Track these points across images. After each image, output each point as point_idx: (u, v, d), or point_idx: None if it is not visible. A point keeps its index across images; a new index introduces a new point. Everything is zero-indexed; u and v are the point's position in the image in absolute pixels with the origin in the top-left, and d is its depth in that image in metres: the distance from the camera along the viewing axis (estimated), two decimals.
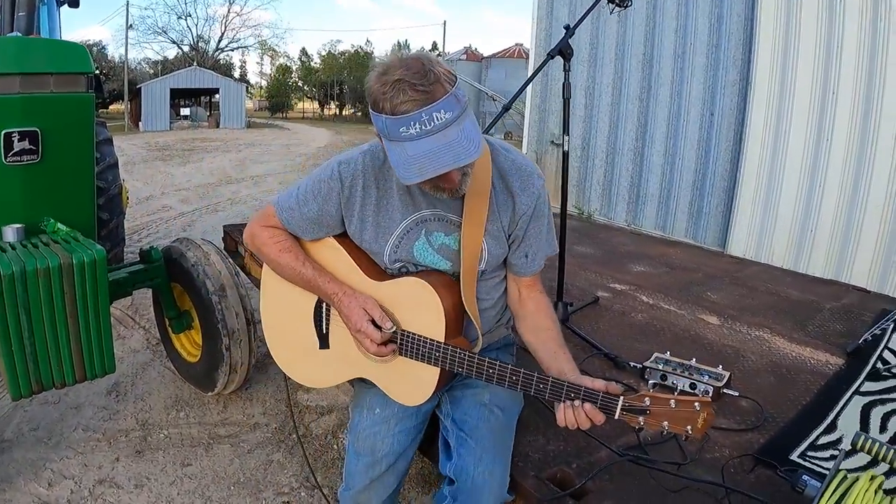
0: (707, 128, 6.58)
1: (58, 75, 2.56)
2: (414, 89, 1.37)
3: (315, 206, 1.75)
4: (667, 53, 6.89)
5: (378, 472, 1.77)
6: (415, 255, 1.74)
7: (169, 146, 21.09)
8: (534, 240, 1.77)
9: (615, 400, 1.44)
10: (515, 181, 1.72)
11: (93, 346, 2.48)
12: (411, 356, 1.68)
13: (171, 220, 8.71)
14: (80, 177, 2.81)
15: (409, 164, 1.41)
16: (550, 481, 1.72)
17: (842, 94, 5.26)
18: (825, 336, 2.96)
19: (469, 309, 1.71)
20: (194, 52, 47.77)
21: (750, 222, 6.04)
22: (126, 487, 2.76)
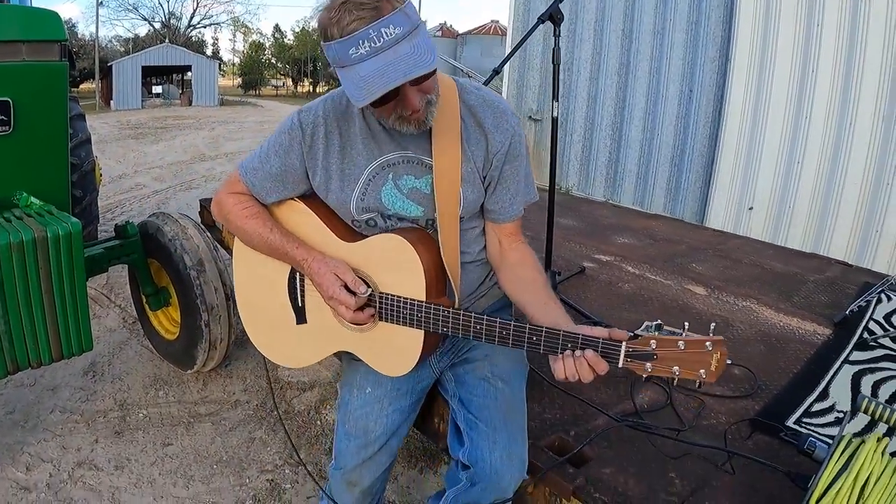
0: (686, 104, 6.57)
1: (30, 43, 2.45)
2: (360, 8, 1.29)
3: (277, 161, 1.66)
4: (646, 29, 6.85)
5: (371, 453, 1.71)
6: (383, 202, 1.62)
7: (141, 124, 20.72)
8: (511, 182, 1.65)
9: (617, 346, 1.34)
10: (488, 118, 1.60)
11: (69, 323, 2.41)
12: (392, 320, 1.58)
13: (144, 198, 8.55)
14: (54, 149, 2.70)
15: (361, 84, 1.32)
16: (549, 449, 1.69)
17: (821, 71, 5.27)
18: (811, 307, 2.97)
19: (448, 260, 1.60)
20: (166, 29, 47.00)
21: (728, 197, 6.07)
22: (106, 469, 2.71)
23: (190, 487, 2.62)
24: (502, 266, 1.70)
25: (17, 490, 2.56)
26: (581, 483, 1.53)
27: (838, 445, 1.22)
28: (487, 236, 1.74)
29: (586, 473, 1.58)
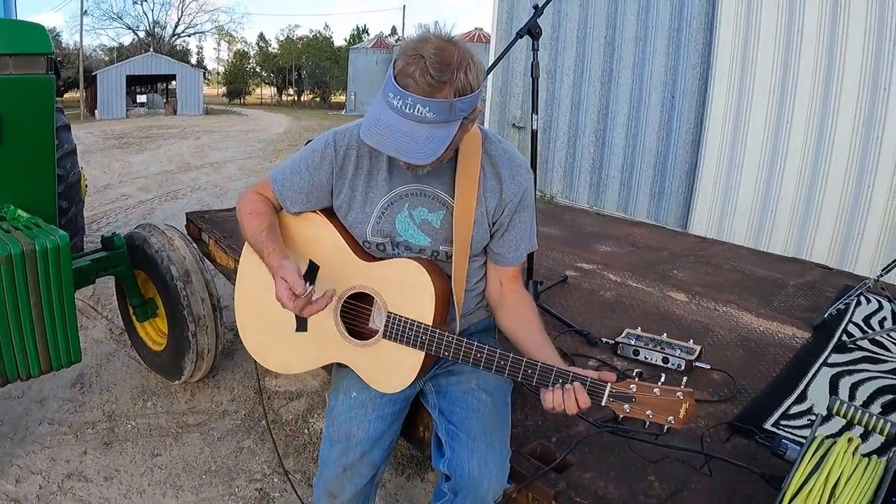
0: (668, 110, 6.67)
1: (17, 56, 2.47)
2: (423, 75, 1.39)
3: (307, 176, 1.76)
4: (628, 36, 6.95)
5: (351, 459, 1.72)
6: (396, 227, 1.73)
7: (126, 134, 20.64)
8: (517, 230, 1.77)
9: (603, 386, 1.45)
10: (505, 169, 1.72)
11: (58, 335, 2.42)
12: (397, 339, 1.65)
13: (130, 208, 8.53)
14: (41, 161, 2.72)
15: (373, 124, 1.44)
16: (531, 456, 1.72)
17: (802, 77, 5.36)
18: (790, 311, 3.01)
19: (457, 289, 1.71)
20: (150, 38, 46.79)
21: (711, 203, 6.15)
22: (96, 480, 2.72)
23: (179, 497, 2.63)
24: (501, 305, 1.81)
25: (8, 502, 2.56)
26: (562, 488, 1.57)
27: (810, 446, 1.26)
28: (489, 277, 1.85)
29: (567, 479, 1.61)
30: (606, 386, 1.45)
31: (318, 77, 51.70)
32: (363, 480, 1.74)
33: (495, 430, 1.66)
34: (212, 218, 4.24)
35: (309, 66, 52.53)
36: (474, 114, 1.53)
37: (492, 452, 1.60)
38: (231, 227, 3.87)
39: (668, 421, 1.40)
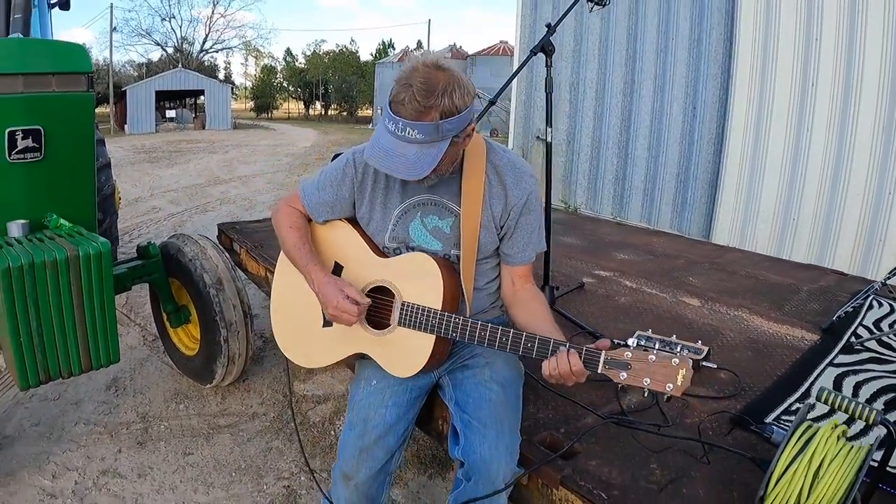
0: (690, 121, 6.70)
1: (59, 75, 2.62)
2: (411, 101, 1.58)
3: (331, 191, 1.97)
4: (649, 48, 7.01)
5: (367, 443, 1.83)
6: (410, 234, 1.91)
7: (155, 148, 21.03)
8: (524, 232, 1.92)
9: (598, 353, 1.54)
10: (509, 177, 1.89)
11: (98, 336, 2.55)
12: (410, 325, 1.81)
13: (161, 220, 8.75)
14: (82, 174, 2.87)
15: (374, 147, 1.67)
16: (541, 445, 1.82)
17: (821, 86, 5.39)
18: (802, 315, 3.06)
19: (466, 286, 1.85)
20: (179, 53, 47.56)
21: (733, 212, 6.18)
22: (129, 477, 2.84)
23: (210, 493, 2.74)
24: (514, 302, 1.96)
25: (44, 496, 2.69)
26: (568, 473, 1.67)
27: (795, 431, 1.34)
28: (502, 276, 2.01)
29: (573, 465, 1.71)
30: (601, 353, 1.54)
31: (344, 91, 52.18)
32: (377, 465, 1.84)
33: (505, 418, 1.77)
34: (243, 229, 4.40)
35: (335, 81, 53.04)
36: (465, 131, 1.69)
37: (501, 438, 1.71)
38: (262, 238, 4.01)
39: (667, 388, 1.45)
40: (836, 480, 1.23)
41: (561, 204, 8.01)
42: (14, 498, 2.66)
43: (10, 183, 2.59)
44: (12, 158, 2.54)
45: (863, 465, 1.25)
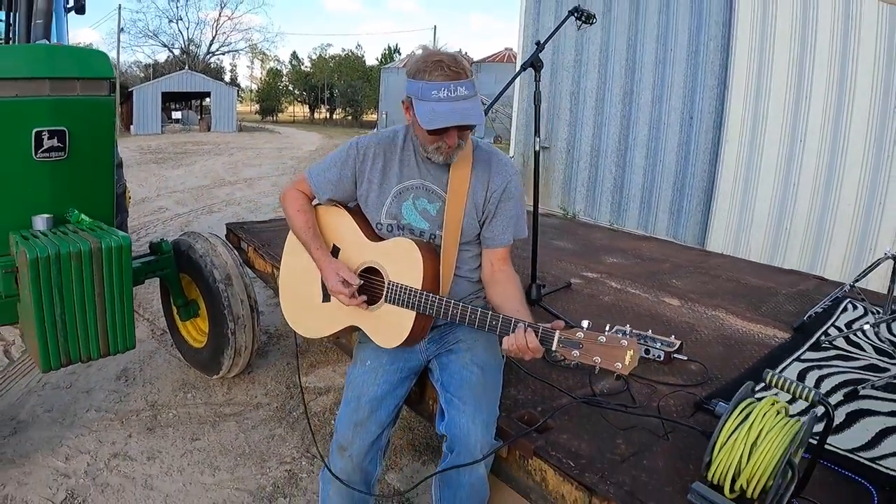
0: (687, 130, 6.85)
1: (83, 80, 2.80)
2: (448, 68, 1.87)
3: (336, 171, 2.22)
4: (648, 59, 7.16)
5: (361, 417, 2.02)
6: (402, 213, 2.16)
7: (161, 149, 21.24)
8: (503, 217, 2.15)
9: (552, 332, 1.71)
10: (493, 164, 2.14)
11: (116, 323, 2.72)
12: (394, 302, 2.05)
13: (168, 220, 8.92)
14: (102, 172, 3.05)
15: (435, 116, 1.89)
16: (519, 421, 2.00)
17: (815, 97, 5.54)
18: (776, 315, 3.21)
19: (444, 266, 2.08)
20: (185, 55, 47.79)
21: (728, 220, 6.32)
22: (139, 460, 2.99)
23: (216, 475, 2.90)
24: (491, 282, 2.17)
25: (58, 476, 2.85)
26: (541, 444, 1.85)
27: (738, 405, 1.49)
28: (483, 259, 2.22)
29: (547, 438, 1.90)
30: (556, 332, 1.72)
31: (350, 95, 52.31)
32: (370, 437, 2.02)
33: (483, 396, 1.98)
34: (250, 228, 4.60)
35: (341, 85, 53.17)
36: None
37: (479, 413, 1.92)
38: (268, 237, 4.18)
39: (616, 367, 1.60)
40: (772, 450, 1.38)
41: (560, 211, 8.15)
42: (29, 478, 2.81)
43: (36, 180, 2.77)
44: (38, 157, 2.71)
45: (797, 438, 1.40)
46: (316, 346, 4.33)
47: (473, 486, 1.87)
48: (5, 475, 2.81)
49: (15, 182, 2.73)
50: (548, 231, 5.38)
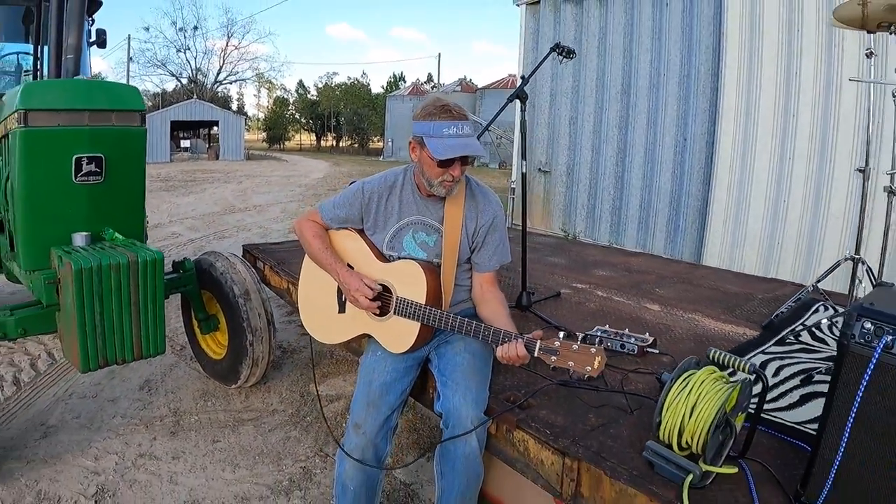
0: (681, 152, 7.10)
1: (118, 112, 3.12)
2: (454, 112, 2.31)
3: (344, 211, 2.59)
4: (643, 84, 7.44)
5: (372, 398, 2.32)
6: (403, 245, 2.51)
7: (171, 177, 21.66)
8: (491, 246, 2.52)
9: (534, 341, 2.05)
10: (481, 202, 2.52)
11: (149, 329, 3.01)
12: (402, 315, 2.37)
13: (181, 245, 9.20)
14: (135, 195, 3.37)
15: (447, 148, 2.26)
16: (506, 401, 2.28)
17: (801, 117, 5.77)
18: (749, 317, 3.45)
19: (445, 285, 2.43)
20: (193, 84, 48.42)
21: (722, 236, 6.53)
22: (164, 459, 3.23)
23: (236, 472, 3.14)
24: (481, 301, 2.54)
25: (89, 474, 3.09)
26: (523, 418, 2.14)
27: (680, 375, 1.75)
28: (473, 281, 2.59)
29: (527, 413, 2.18)
30: (537, 342, 2.04)
31: (356, 123, 52.81)
32: (381, 416, 2.30)
33: (472, 377, 2.28)
34: (266, 248, 4.95)
35: (347, 113, 53.68)
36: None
37: (469, 391, 2.22)
38: (283, 257, 4.46)
39: (586, 370, 1.93)
40: (708, 409, 1.63)
41: (560, 232, 8.38)
42: (61, 475, 3.06)
43: (75, 200, 3.07)
44: (78, 180, 3.02)
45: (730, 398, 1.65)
46: (328, 358, 4.61)
47: (468, 458, 2.15)
48: (38, 473, 3.06)
49: (57, 202, 3.04)
50: (543, 249, 5.67)
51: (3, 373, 4.18)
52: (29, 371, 4.26)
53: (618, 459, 1.84)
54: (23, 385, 4.05)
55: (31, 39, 4.82)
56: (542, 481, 2.01)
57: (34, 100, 2.94)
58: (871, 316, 1.42)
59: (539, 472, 2.02)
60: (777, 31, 5.89)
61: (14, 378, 4.13)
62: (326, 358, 4.63)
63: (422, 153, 2.35)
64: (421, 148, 2.35)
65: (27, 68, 5.02)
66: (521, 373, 2.52)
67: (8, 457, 3.17)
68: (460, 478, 2.17)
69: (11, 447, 3.27)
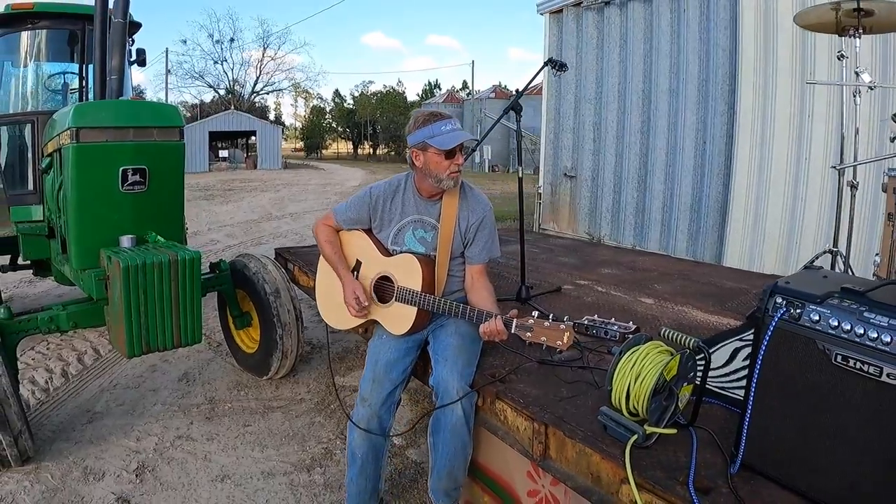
0: (701, 155, 7.22)
1: (160, 128, 3.52)
2: (443, 115, 2.71)
3: (354, 213, 2.94)
4: (663, 89, 7.58)
5: (377, 375, 2.63)
6: (405, 241, 2.84)
7: (210, 186, 22.29)
8: (480, 241, 2.82)
9: (511, 319, 2.34)
10: (473, 203, 2.84)
11: (188, 320, 3.36)
12: (402, 301, 2.71)
13: (219, 251, 9.60)
14: (175, 202, 3.77)
15: (450, 139, 2.61)
16: (490, 376, 2.54)
17: (817, 116, 5.87)
18: (738, 309, 3.62)
19: (439, 275, 2.78)
20: (230, 95, 49.32)
21: (742, 238, 6.63)
22: (200, 441, 3.55)
23: (264, 452, 3.44)
24: (471, 290, 2.84)
25: (130, 452, 3.42)
26: (502, 389, 2.41)
27: (629, 348, 1.99)
28: (466, 273, 2.89)
29: (507, 387, 2.45)
30: (513, 320, 2.34)
31: (392, 131, 53.22)
32: (385, 391, 2.60)
33: (460, 355, 2.57)
34: (296, 251, 5.30)
35: (383, 121, 54.14)
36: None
37: (455, 366, 2.52)
38: (312, 259, 4.76)
39: (557, 345, 2.21)
40: (650, 376, 1.87)
41: (586, 236, 8.55)
42: (105, 454, 3.40)
43: (121, 207, 3.46)
44: (123, 189, 3.42)
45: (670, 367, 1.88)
46: (353, 352, 4.93)
47: (455, 427, 2.43)
48: (85, 452, 3.41)
49: (105, 209, 3.43)
50: (557, 250, 5.93)
51: (52, 366, 4.57)
52: (76, 364, 4.65)
53: (577, 423, 2.10)
54: (70, 377, 4.43)
55: (76, 59, 5.18)
56: (519, 446, 2.27)
57: (85, 118, 3.34)
58: (782, 293, 1.65)
59: (515, 437, 2.29)
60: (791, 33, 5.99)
61: (62, 371, 4.51)
62: (352, 353, 4.93)
63: (427, 156, 2.67)
64: (424, 152, 2.67)
65: (73, 87, 5.39)
66: (507, 353, 2.80)
67: (57, 438, 3.53)
68: (448, 447, 2.45)
69: (60, 430, 3.63)
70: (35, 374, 4.39)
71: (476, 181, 5.11)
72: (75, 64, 5.24)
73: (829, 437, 1.58)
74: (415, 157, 2.71)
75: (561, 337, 2.20)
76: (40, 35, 5.02)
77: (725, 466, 1.81)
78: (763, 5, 6.31)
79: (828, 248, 3.28)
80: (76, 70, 5.25)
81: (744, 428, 1.73)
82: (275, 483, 3.16)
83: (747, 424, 1.72)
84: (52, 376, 4.39)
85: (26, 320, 3.38)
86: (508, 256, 4.42)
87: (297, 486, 3.15)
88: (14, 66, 5.12)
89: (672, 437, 1.94)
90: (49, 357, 4.76)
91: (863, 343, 1.51)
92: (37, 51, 5.09)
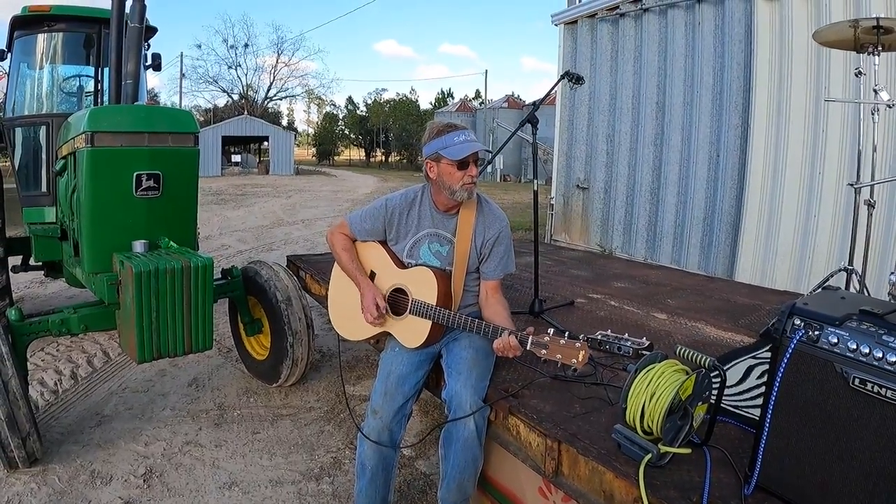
0: (714, 168, 7.19)
1: (174, 134, 3.51)
2: (457, 126, 2.71)
3: (370, 223, 2.90)
4: (677, 101, 7.56)
5: (389, 387, 2.61)
6: (420, 254, 2.81)
7: (222, 191, 22.37)
8: (496, 257, 2.81)
9: (527, 336, 2.31)
10: (489, 218, 2.82)
11: (199, 327, 3.34)
12: (416, 314, 2.68)
13: (230, 256, 9.63)
14: (188, 208, 3.76)
15: (463, 150, 2.60)
16: (503, 391, 2.51)
17: (831, 131, 5.83)
18: (752, 326, 3.57)
19: (455, 289, 2.75)
20: (244, 100, 49.52)
21: (754, 252, 6.59)
22: (208, 447, 3.54)
23: (273, 460, 3.43)
24: (486, 305, 2.82)
25: (138, 457, 3.41)
26: (515, 405, 2.38)
27: (643, 367, 1.96)
28: (480, 288, 2.87)
29: (520, 402, 2.41)
30: (529, 337, 2.31)
31: (404, 139, 53.37)
32: (396, 404, 2.58)
33: (473, 369, 2.55)
34: (308, 259, 5.29)
35: (396, 129, 54.26)
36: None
37: (469, 380, 2.49)
38: (324, 267, 4.77)
39: (572, 363, 2.19)
40: (665, 396, 1.84)
41: (597, 248, 8.52)
42: (113, 458, 3.40)
43: (135, 212, 3.46)
44: (138, 194, 3.42)
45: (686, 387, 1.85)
46: (364, 361, 4.92)
47: (467, 441, 2.40)
48: (93, 455, 3.40)
49: (119, 213, 3.42)
50: (569, 262, 5.89)
51: (62, 368, 4.58)
52: (86, 367, 4.66)
53: (590, 440, 2.07)
54: (80, 379, 4.44)
55: (91, 62, 5.23)
56: (531, 462, 2.25)
57: (100, 123, 3.34)
58: (800, 314, 1.64)
59: (527, 453, 2.27)
60: (806, 48, 5.96)
61: (72, 373, 4.52)
62: (362, 362, 4.91)
63: (440, 167, 2.66)
64: (438, 163, 2.66)
65: (88, 90, 5.43)
66: (520, 368, 2.77)
67: (65, 441, 3.53)
68: (459, 459, 2.42)
69: (69, 432, 3.63)
70: (44, 376, 4.40)
71: (488, 191, 5.10)
72: (91, 67, 5.30)
73: (844, 461, 1.55)
74: (429, 169, 2.71)
75: (576, 355, 2.19)
76: (56, 38, 5.08)
77: (739, 487, 1.78)
78: (778, 21, 6.30)
79: (843, 266, 3.25)
80: (91, 73, 5.31)
81: (759, 449, 1.70)
82: (283, 491, 3.14)
83: (763, 446, 1.70)
84: (61, 378, 4.40)
85: (37, 322, 3.38)
86: (521, 269, 4.38)
87: (306, 494, 3.13)
88: (30, 67, 5.17)
89: (686, 457, 1.92)
90: (59, 359, 4.77)
91: (881, 367, 1.49)
92: (53, 53, 5.15)
